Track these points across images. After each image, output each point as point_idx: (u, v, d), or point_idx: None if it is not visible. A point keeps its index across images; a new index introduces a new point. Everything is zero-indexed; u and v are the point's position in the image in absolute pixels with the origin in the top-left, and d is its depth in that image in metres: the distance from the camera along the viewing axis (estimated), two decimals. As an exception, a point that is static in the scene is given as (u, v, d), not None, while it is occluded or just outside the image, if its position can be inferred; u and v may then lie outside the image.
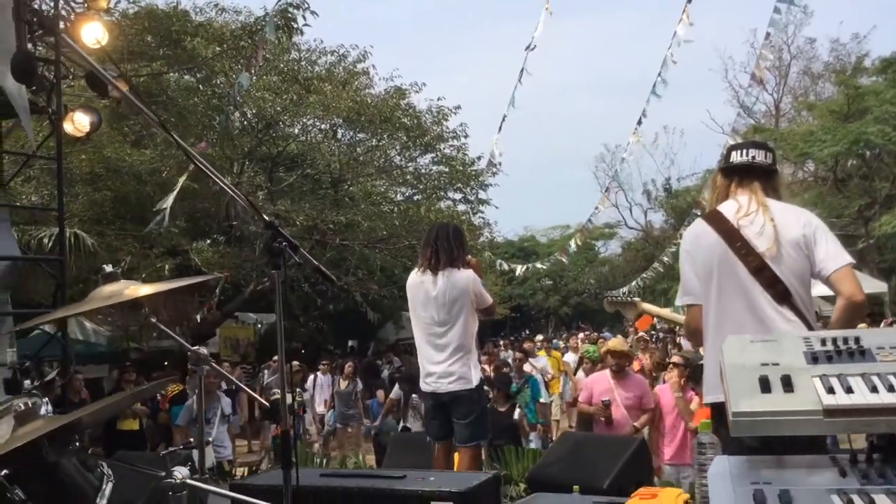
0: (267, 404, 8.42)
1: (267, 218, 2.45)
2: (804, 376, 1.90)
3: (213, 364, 2.64)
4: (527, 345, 14.86)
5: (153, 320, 2.48)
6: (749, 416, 1.82)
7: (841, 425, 1.79)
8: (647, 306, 4.91)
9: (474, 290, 4.86)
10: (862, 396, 1.78)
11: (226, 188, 2.47)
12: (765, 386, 1.88)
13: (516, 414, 9.08)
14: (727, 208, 3.32)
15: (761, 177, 3.35)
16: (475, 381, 4.83)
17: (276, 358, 14.22)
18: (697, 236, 3.37)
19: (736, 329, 3.05)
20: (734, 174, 3.41)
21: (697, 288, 3.31)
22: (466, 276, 4.85)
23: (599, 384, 6.87)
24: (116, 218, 15.96)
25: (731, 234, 3.21)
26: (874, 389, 1.81)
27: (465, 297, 4.81)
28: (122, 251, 14.83)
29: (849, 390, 1.80)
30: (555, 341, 22.41)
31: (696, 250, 3.34)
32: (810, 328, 3.12)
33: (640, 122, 13.57)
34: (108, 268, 2.39)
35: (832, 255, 3.15)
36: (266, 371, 15.40)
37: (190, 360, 2.53)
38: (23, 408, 2.23)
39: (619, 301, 4.96)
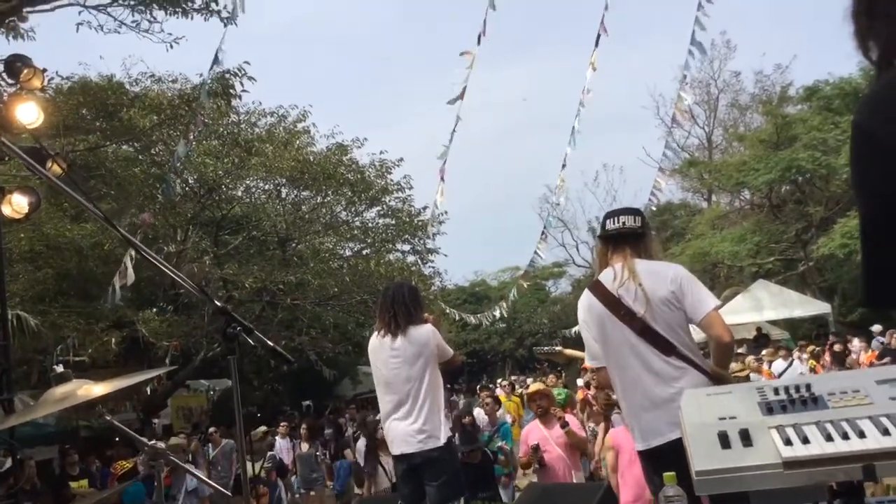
0: (223, 490, 7.99)
1: (219, 304, 2.43)
2: (761, 428, 1.94)
3: (172, 457, 2.58)
4: (497, 391, 14.86)
5: (108, 418, 2.43)
6: (711, 473, 1.85)
7: (801, 476, 1.82)
8: (569, 352, 5.22)
9: (435, 342, 4.77)
10: (818, 446, 1.82)
11: (176, 277, 2.45)
12: (724, 442, 1.92)
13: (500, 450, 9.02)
14: (606, 278, 3.66)
15: (631, 241, 3.69)
16: (443, 439, 4.71)
17: (212, 430, 12.34)
18: (588, 308, 3.71)
19: (635, 384, 3.52)
20: (609, 241, 3.76)
21: (599, 352, 3.69)
22: (426, 330, 4.76)
23: (532, 432, 6.95)
24: (59, 295, 15.57)
25: (614, 304, 3.56)
26: (829, 438, 1.85)
27: (426, 350, 4.72)
28: (66, 328, 14.47)
29: (805, 440, 1.84)
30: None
31: (589, 320, 3.71)
32: (698, 367, 3.46)
33: (563, 167, 13.91)
34: (59, 368, 2.33)
35: (697, 304, 3.50)
36: (210, 445, 12.01)
37: (147, 457, 2.46)
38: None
39: (546, 352, 5.31)
